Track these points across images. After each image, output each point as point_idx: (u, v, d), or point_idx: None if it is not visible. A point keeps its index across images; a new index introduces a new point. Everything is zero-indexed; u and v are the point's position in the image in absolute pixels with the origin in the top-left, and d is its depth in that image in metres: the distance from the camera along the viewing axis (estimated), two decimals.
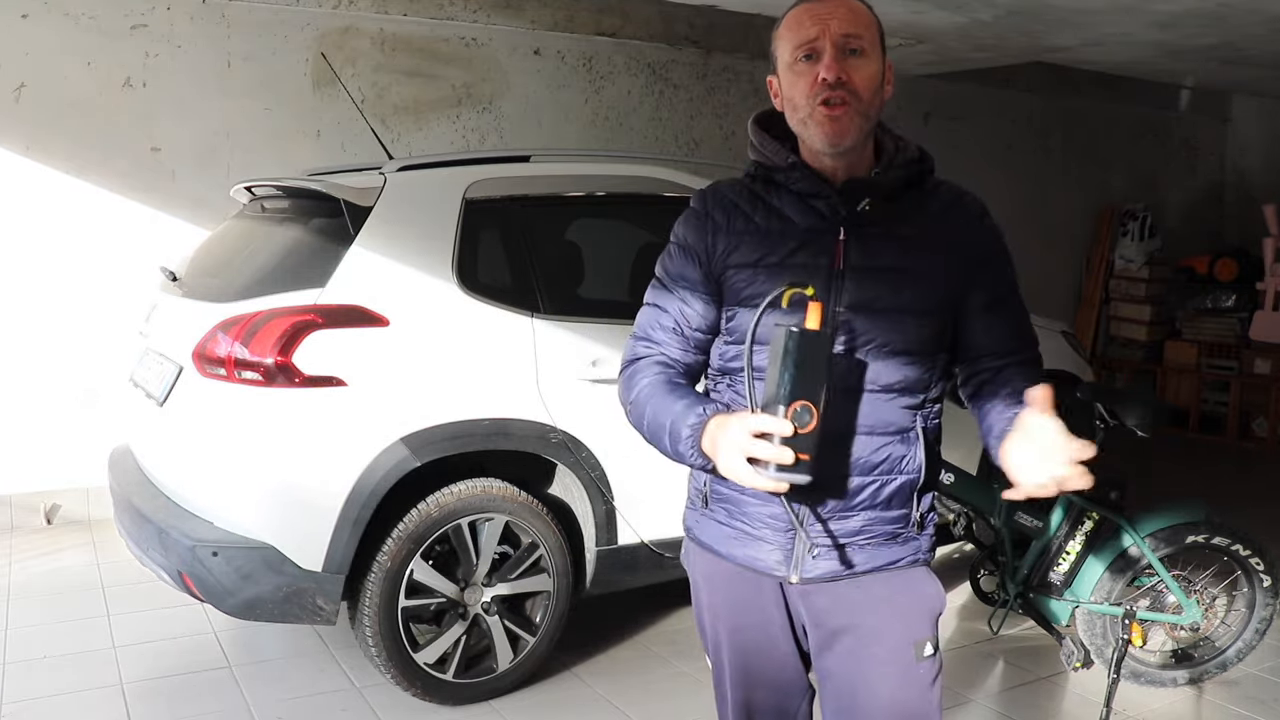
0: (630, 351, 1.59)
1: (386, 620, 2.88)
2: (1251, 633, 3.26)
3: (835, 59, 1.40)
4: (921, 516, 1.54)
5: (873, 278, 1.45)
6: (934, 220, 1.50)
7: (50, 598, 3.81)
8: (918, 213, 1.49)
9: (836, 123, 1.40)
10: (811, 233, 1.47)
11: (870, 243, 1.46)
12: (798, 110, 1.44)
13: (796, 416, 1.26)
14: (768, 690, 1.64)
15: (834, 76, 1.39)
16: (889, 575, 1.52)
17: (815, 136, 1.43)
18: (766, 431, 1.27)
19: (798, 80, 1.43)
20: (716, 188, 1.58)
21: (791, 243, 1.47)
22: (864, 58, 1.42)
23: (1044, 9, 4.89)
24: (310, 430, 2.78)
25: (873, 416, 1.47)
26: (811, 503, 1.48)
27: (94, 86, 4.73)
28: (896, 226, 1.47)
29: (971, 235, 1.51)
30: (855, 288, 1.45)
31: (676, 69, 6.30)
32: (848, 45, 1.41)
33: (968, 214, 1.53)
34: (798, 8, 1.45)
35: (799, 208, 1.49)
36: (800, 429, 1.26)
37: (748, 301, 1.48)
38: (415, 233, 3.02)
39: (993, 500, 3.29)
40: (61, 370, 4.73)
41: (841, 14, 1.41)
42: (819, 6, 1.42)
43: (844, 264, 1.45)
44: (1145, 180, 8.58)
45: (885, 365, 1.46)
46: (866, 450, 1.47)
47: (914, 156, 1.51)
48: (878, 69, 1.44)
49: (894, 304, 1.45)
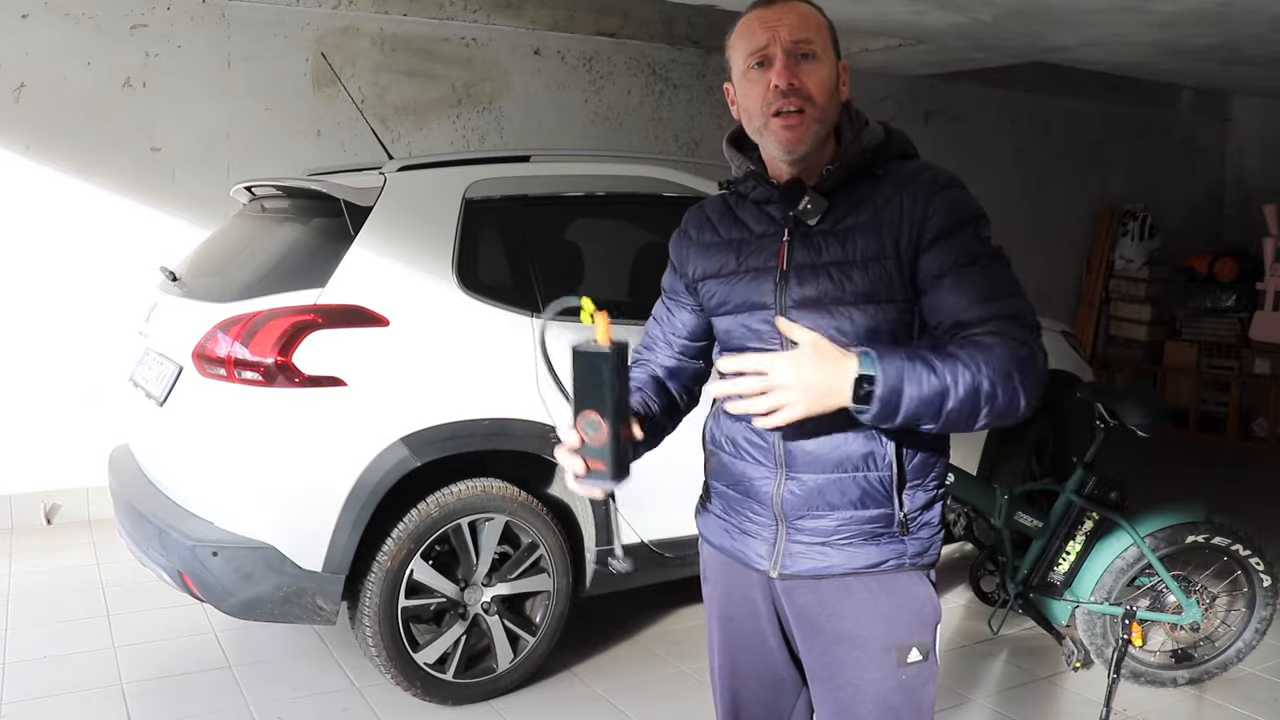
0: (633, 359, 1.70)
1: (386, 620, 2.88)
2: (1251, 633, 3.26)
3: (786, 65, 1.40)
4: (907, 518, 1.48)
5: (816, 274, 1.45)
6: (882, 205, 1.45)
7: (50, 598, 3.81)
8: (867, 201, 1.46)
9: (791, 131, 1.42)
10: (764, 238, 1.51)
11: (815, 240, 1.46)
12: (753, 119, 1.46)
13: (586, 428, 1.34)
14: (757, 684, 1.65)
15: (785, 83, 1.40)
16: (872, 579, 1.50)
17: (771, 145, 1.46)
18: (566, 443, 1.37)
19: (751, 88, 1.44)
20: (700, 204, 1.66)
21: (747, 250, 1.53)
22: (816, 61, 1.42)
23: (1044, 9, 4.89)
24: (310, 430, 2.78)
25: (832, 413, 1.38)
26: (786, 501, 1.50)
27: (94, 86, 4.74)
28: (841, 220, 1.46)
29: (920, 210, 1.42)
30: (799, 286, 1.46)
31: (676, 69, 6.30)
32: (798, 50, 1.41)
33: (921, 188, 1.44)
34: (748, 15, 1.46)
35: (756, 215, 1.54)
36: (589, 440, 1.34)
37: (718, 310, 1.57)
38: (415, 233, 3.02)
39: (993, 500, 3.29)
40: (61, 370, 4.73)
41: (791, 20, 1.42)
42: (768, 13, 1.43)
43: (787, 264, 1.47)
44: (1145, 180, 8.58)
45: None
46: (827, 448, 1.46)
47: (874, 143, 1.48)
48: (830, 72, 1.44)
49: (840, 297, 1.43)
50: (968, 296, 1.39)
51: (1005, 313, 1.38)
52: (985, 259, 1.41)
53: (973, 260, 1.40)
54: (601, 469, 1.35)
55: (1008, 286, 1.41)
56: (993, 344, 1.33)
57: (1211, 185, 9.13)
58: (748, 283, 1.50)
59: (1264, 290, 7.20)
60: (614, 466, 1.35)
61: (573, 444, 1.35)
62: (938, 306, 1.41)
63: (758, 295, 1.49)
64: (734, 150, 1.57)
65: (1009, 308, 1.38)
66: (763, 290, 1.49)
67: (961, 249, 1.41)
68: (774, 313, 1.47)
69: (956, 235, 1.41)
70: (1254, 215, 7.71)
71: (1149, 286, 7.99)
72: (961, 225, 1.42)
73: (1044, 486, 3.61)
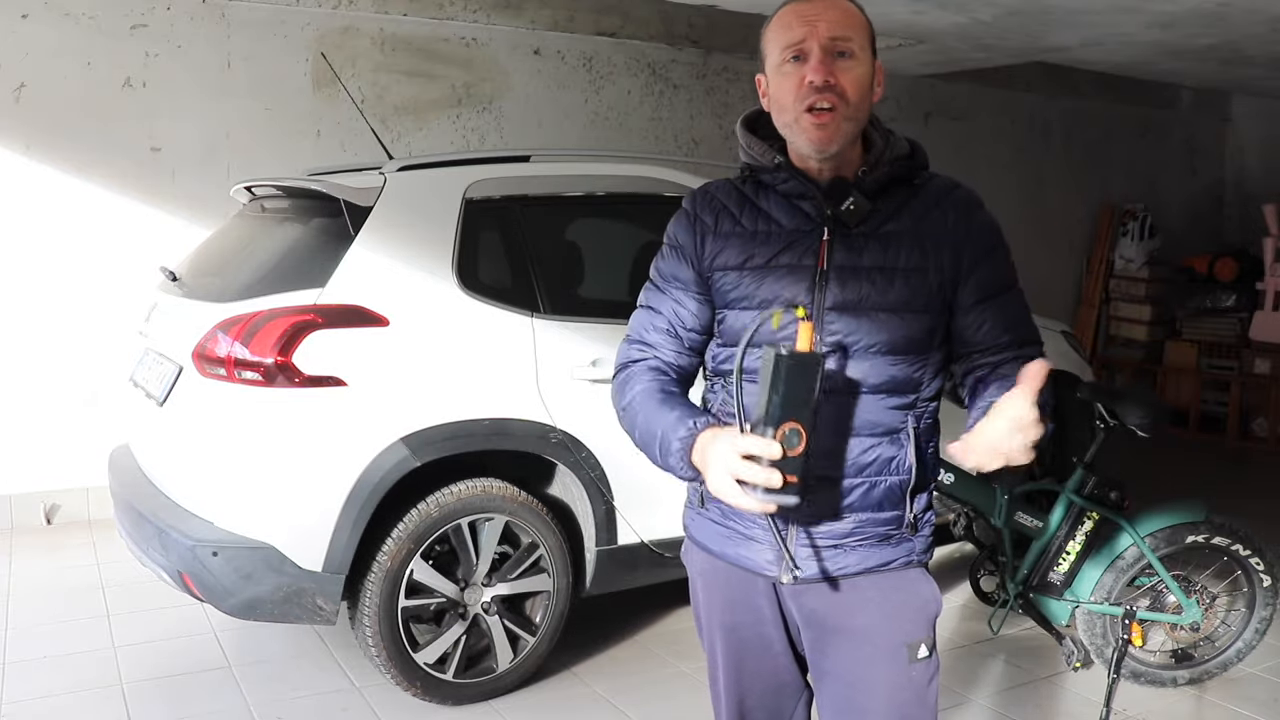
0: (624, 355, 1.59)
1: (386, 620, 2.88)
2: (1251, 633, 3.26)
3: (822, 61, 1.38)
4: (915, 518, 1.51)
5: (857, 277, 1.43)
6: (922, 216, 1.46)
7: (50, 598, 3.81)
8: (906, 209, 1.47)
9: (823, 129, 1.40)
10: (797, 234, 1.47)
11: (855, 242, 1.45)
12: (785, 112, 1.43)
13: (785, 439, 1.25)
14: (762, 690, 1.64)
15: (821, 79, 1.38)
16: (881, 577, 1.51)
17: (802, 141, 1.43)
18: (754, 454, 1.26)
19: (784, 82, 1.42)
20: (706, 189, 1.58)
21: (777, 244, 1.47)
22: (853, 60, 1.40)
23: (1044, 9, 4.89)
24: (310, 430, 2.78)
25: (860, 417, 1.45)
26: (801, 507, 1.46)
27: (94, 86, 4.74)
28: (882, 225, 1.45)
29: (961, 229, 1.47)
30: (840, 288, 1.43)
31: (676, 69, 6.30)
32: (836, 47, 1.39)
33: (957, 207, 1.48)
34: (786, 8, 1.44)
35: (785, 209, 1.49)
36: (789, 451, 1.26)
37: (735, 304, 1.50)
38: (415, 233, 3.02)
39: (993, 500, 3.29)
40: (61, 370, 4.73)
41: (831, 15, 1.39)
42: (807, 7, 1.41)
43: (828, 264, 1.44)
44: (1145, 180, 8.58)
45: (873, 365, 1.45)
46: (855, 452, 1.46)
47: (904, 153, 1.49)
48: (866, 71, 1.42)
49: (880, 303, 1.43)
50: (1001, 325, 1.48)
51: (1030, 339, 1.51)
52: (1010, 285, 1.52)
53: (1005, 287, 1.51)
54: (795, 483, 1.27)
55: (1026, 311, 1.54)
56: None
57: (1211, 185, 9.13)
58: (778, 278, 1.45)
59: (1264, 290, 7.19)
60: (803, 481, 1.28)
61: (774, 455, 1.26)
62: (975, 330, 1.49)
63: (791, 293, 1.44)
64: (754, 137, 1.51)
65: (1031, 334, 1.52)
66: (798, 288, 1.44)
67: (995, 275, 1.50)
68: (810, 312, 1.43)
69: (992, 261, 1.50)
70: (1254, 215, 7.70)
71: (1149, 286, 7.99)
72: (994, 251, 1.51)
73: (1044, 486, 3.61)
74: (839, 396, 1.44)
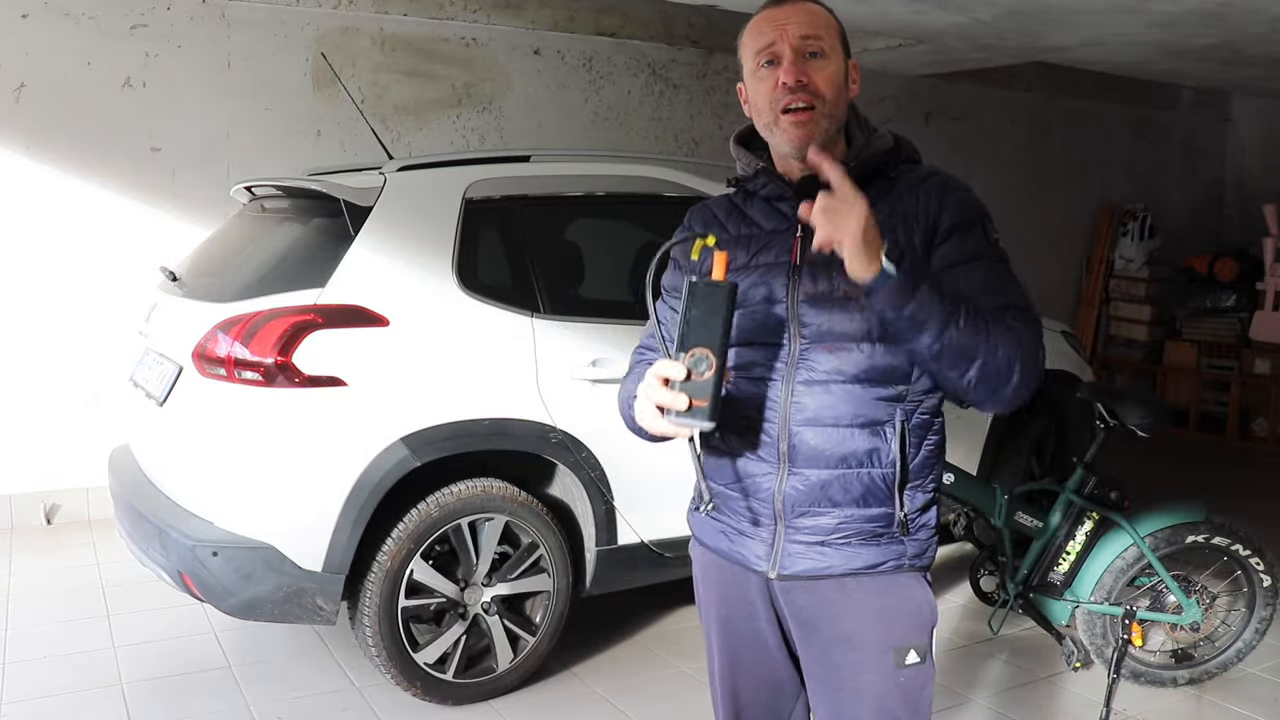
0: (630, 362, 1.67)
1: (386, 620, 2.88)
2: (1251, 633, 3.26)
3: (794, 62, 1.43)
4: (906, 518, 1.49)
5: (829, 269, 1.44)
6: (895, 204, 1.48)
7: (50, 598, 3.81)
8: (882, 200, 1.48)
9: (801, 128, 1.44)
10: (775, 234, 1.52)
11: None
12: (763, 115, 1.48)
13: (694, 363, 1.32)
14: (757, 687, 1.64)
15: (794, 79, 1.42)
16: (870, 580, 1.50)
17: (782, 141, 1.47)
18: (666, 375, 1.33)
19: (760, 85, 1.47)
20: (703, 204, 1.66)
21: (758, 245, 1.53)
22: (824, 59, 1.45)
23: (1044, 9, 4.89)
24: (310, 430, 2.78)
25: (839, 408, 1.46)
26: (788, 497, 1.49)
27: (94, 86, 4.74)
28: None
29: (935, 206, 1.47)
30: (812, 281, 1.47)
31: (676, 69, 6.30)
32: (807, 48, 1.44)
33: (934, 190, 1.49)
34: (758, 15, 1.49)
35: (766, 212, 1.55)
36: (695, 375, 1.32)
37: None
38: (415, 233, 3.02)
39: (993, 500, 3.29)
40: (61, 370, 4.73)
41: (799, 18, 1.45)
42: (777, 12, 1.46)
43: (800, 259, 1.48)
44: (1145, 180, 8.58)
45: (850, 356, 1.46)
46: (830, 443, 1.46)
47: (886, 147, 1.52)
48: (839, 69, 1.46)
49: (852, 291, 1.43)
50: (976, 286, 1.43)
51: (1012, 304, 1.43)
52: (992, 257, 1.48)
53: (981, 256, 1.47)
54: (703, 405, 1.32)
55: (1013, 283, 1.47)
56: (1001, 319, 1.39)
57: (1211, 185, 9.13)
58: (759, 277, 1.50)
59: (1264, 290, 7.20)
60: (713, 405, 1.32)
61: (679, 376, 1.32)
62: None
63: (770, 289, 1.49)
64: (742, 149, 1.58)
65: (1015, 300, 1.44)
66: (775, 285, 1.49)
67: (973, 244, 1.47)
68: (785, 306, 1.48)
69: (967, 233, 1.47)
70: (1254, 215, 7.71)
71: (1149, 286, 7.99)
72: (971, 225, 1.48)
73: (1044, 486, 3.61)
74: (817, 387, 1.46)
